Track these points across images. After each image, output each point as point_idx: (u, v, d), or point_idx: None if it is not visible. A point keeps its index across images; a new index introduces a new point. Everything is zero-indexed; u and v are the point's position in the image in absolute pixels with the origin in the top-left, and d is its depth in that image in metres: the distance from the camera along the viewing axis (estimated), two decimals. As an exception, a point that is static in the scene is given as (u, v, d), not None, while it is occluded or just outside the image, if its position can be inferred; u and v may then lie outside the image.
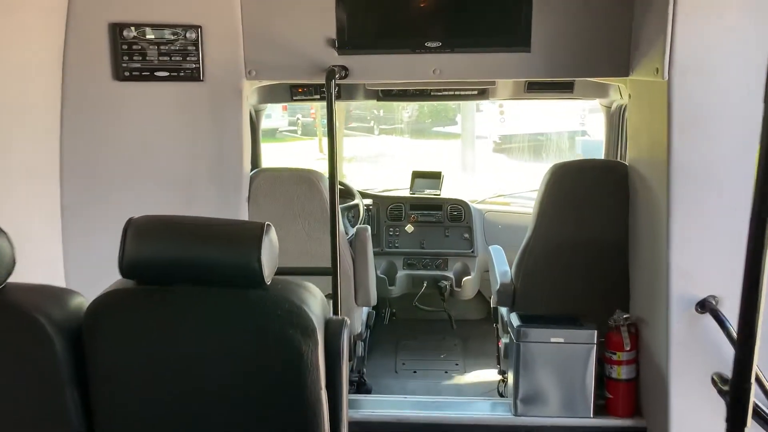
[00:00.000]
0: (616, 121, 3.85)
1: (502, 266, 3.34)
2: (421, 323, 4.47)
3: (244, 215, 2.90)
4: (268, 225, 1.68)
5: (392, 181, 12.00)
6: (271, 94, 3.85)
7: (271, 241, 1.67)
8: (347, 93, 3.91)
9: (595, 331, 2.92)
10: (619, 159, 3.96)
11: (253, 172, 3.08)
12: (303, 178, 3.15)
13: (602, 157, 4.04)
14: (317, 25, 2.75)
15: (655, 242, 2.67)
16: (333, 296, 2.64)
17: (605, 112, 3.91)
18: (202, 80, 2.76)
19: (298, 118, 19.02)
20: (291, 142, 18.65)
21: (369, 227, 3.27)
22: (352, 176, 12.53)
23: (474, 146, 12.06)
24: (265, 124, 16.78)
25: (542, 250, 3.02)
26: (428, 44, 2.80)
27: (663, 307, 2.62)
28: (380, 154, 15.55)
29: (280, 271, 3.21)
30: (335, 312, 2.61)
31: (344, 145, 14.68)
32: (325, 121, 12.32)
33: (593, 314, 2.99)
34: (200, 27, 2.77)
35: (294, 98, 3.86)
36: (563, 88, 3.75)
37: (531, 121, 14.94)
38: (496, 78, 3.09)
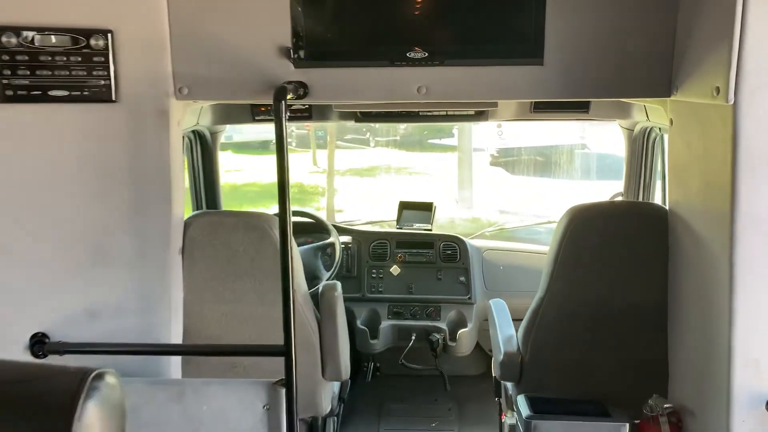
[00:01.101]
0: (639, 147, 3.18)
1: (506, 329, 2.64)
2: (410, 381, 3.77)
3: (175, 274, 2.21)
4: (98, 375, 0.98)
5: (382, 204, 11.44)
6: (230, 114, 3.18)
7: (102, 402, 0.93)
8: (319, 112, 3.23)
9: (627, 424, 2.22)
10: (642, 191, 3.29)
11: (188, 217, 2.37)
12: (252, 224, 2.35)
13: (622, 187, 3.37)
14: (268, 30, 2.06)
15: (709, 314, 1.99)
16: (286, 382, 1.95)
17: (626, 135, 3.23)
18: (115, 101, 2.07)
19: (292, 130, 18.38)
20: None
21: (338, 284, 2.57)
22: (345, 191, 11.91)
23: (471, 166, 11.39)
24: (257, 136, 16.04)
25: (557, 315, 2.32)
26: (411, 55, 2.08)
27: (720, 400, 1.94)
28: (376, 167, 14.91)
29: (217, 350, 2.41)
30: (290, 407, 1.94)
31: (339, 157, 14.03)
32: (321, 132, 11.37)
33: (622, 399, 2.29)
34: (110, 32, 2.08)
35: (256, 118, 3.18)
36: (577, 108, 3.07)
37: (529, 134, 14.30)
38: (498, 98, 2.36)
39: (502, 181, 13.25)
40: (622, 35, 2.03)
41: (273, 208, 10.23)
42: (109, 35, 2.02)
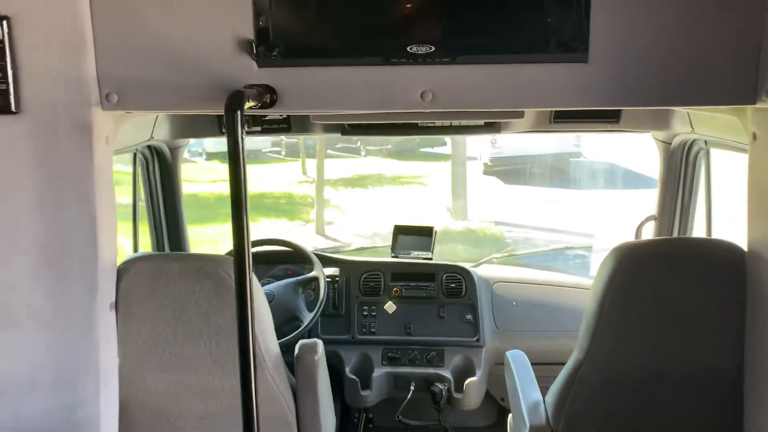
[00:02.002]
0: (677, 162, 2.63)
1: (531, 393, 2.06)
2: None
3: (106, 335, 1.63)
4: None
5: (374, 214, 10.90)
6: (192, 125, 2.61)
7: None
8: (299, 124, 2.65)
9: None
10: (680, 215, 2.75)
11: (122, 263, 1.77)
12: (206, 270, 1.72)
13: (654, 208, 2.82)
14: (224, 19, 1.53)
15: None
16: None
17: (661, 149, 2.67)
18: (16, 111, 1.51)
19: (282, 139, 17.84)
20: (275, 164, 17.47)
21: (319, 344, 2.00)
22: (337, 202, 11.39)
23: (465, 176, 10.88)
24: (248, 145, 15.63)
25: (601, 382, 1.75)
26: (413, 49, 1.54)
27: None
28: (367, 176, 14.39)
29: None
30: None
31: (329, 167, 13.51)
32: (310, 141, 10.64)
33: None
34: (7, 18, 1.52)
35: (224, 131, 2.59)
36: (605, 117, 2.53)
37: (523, 141, 13.82)
38: (526, 106, 1.76)
39: (495, 191, 12.77)
40: (694, 27, 1.51)
41: (261, 223, 9.57)
42: (5, 23, 1.48)
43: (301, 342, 1.96)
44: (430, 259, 3.00)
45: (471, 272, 2.92)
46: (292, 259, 2.85)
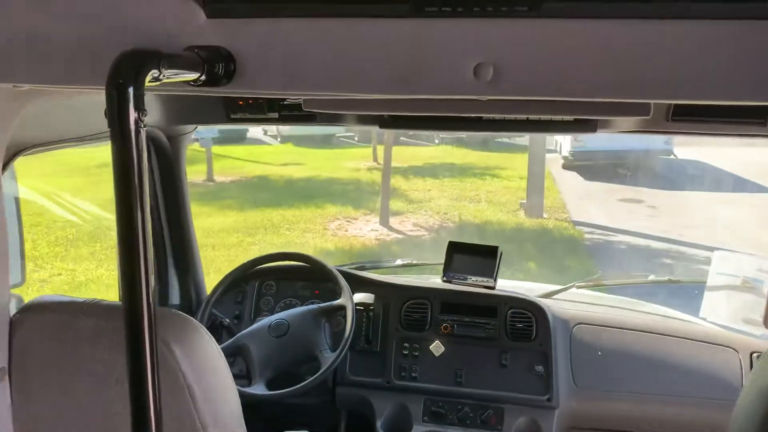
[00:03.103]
0: None
1: None
2: None
3: None
4: None
5: (441, 204, 10.04)
6: (191, 109, 1.99)
7: None
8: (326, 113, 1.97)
9: None
10: None
11: (17, 312, 1.17)
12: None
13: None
14: None
15: None
16: None
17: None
18: None
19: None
20: (347, 149, 17.03)
21: None
22: (404, 191, 10.73)
23: (543, 170, 9.99)
24: (320, 129, 15.26)
25: None
26: None
27: None
28: (439, 165, 13.68)
29: None
30: None
31: (400, 155, 12.88)
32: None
33: None
34: None
35: (232, 117, 1.95)
36: (744, 116, 1.75)
37: (607, 135, 12.75)
38: (663, 96, 1.05)
39: (574, 188, 11.81)
40: None
41: (326, 210, 9.04)
42: None
43: None
44: (492, 288, 2.31)
45: (545, 309, 2.21)
46: (319, 278, 2.25)
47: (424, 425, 2.13)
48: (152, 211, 2.17)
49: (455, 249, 2.38)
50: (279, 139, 18.88)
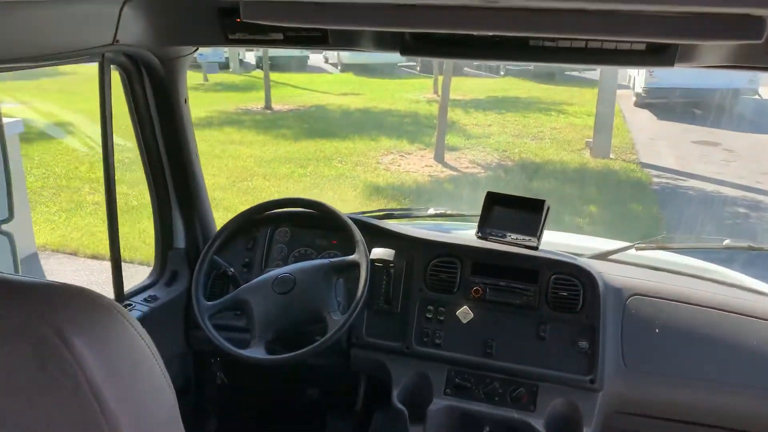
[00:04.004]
0: None
1: None
2: None
3: None
4: None
5: (501, 145, 9.32)
6: (184, 28, 1.65)
7: None
8: (338, 34, 1.59)
9: None
10: None
11: None
12: (19, 324, 0.69)
13: None
14: None
15: None
16: None
17: None
18: None
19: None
20: (407, 80, 16.45)
21: None
22: (464, 126, 10.16)
23: (613, 107, 9.25)
24: (382, 58, 14.89)
25: None
26: None
27: None
28: (502, 99, 13.02)
29: None
30: None
31: (463, 86, 12.26)
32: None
33: None
34: None
35: (230, 37, 1.62)
36: None
37: (687, 71, 11.73)
38: None
39: (645, 127, 11.01)
40: None
41: (380, 143, 8.69)
42: None
43: None
44: (535, 248, 1.95)
45: (595, 276, 1.85)
46: (337, 226, 1.94)
47: (446, 398, 1.85)
48: (150, 144, 1.90)
49: (494, 201, 2.03)
50: (339, 68, 18.43)
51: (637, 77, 12.44)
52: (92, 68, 1.70)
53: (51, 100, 12.03)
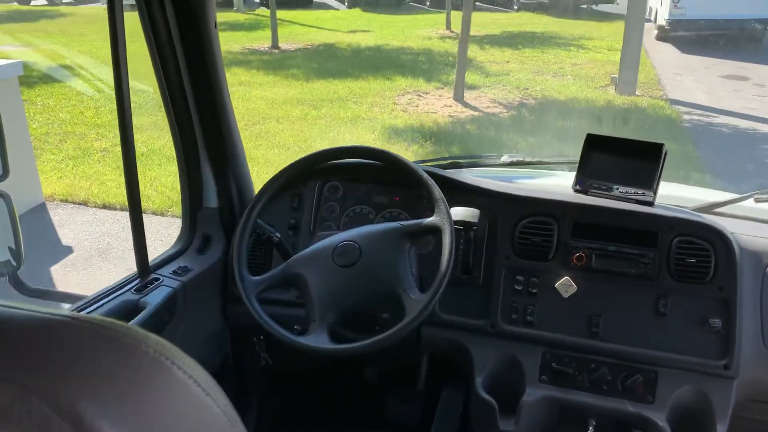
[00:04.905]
0: None
1: None
2: None
3: None
4: None
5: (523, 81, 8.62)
6: None
7: None
8: None
9: None
10: None
11: None
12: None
13: None
14: None
15: None
16: None
17: None
18: None
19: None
20: (417, 15, 15.69)
21: None
22: (483, 61, 9.50)
23: (640, 40, 8.65)
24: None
25: None
26: None
27: None
28: (517, 34, 12.36)
29: None
30: None
31: (475, 22, 11.64)
32: None
33: None
34: None
35: None
36: None
37: (713, 2, 11.04)
38: None
39: (669, 61, 10.42)
40: None
41: (396, 83, 8.19)
42: None
43: None
44: (651, 203, 1.60)
45: (729, 239, 1.49)
46: (405, 179, 1.54)
47: (542, 387, 1.52)
48: (173, 82, 1.50)
49: (595, 144, 1.64)
50: (346, 4, 17.62)
51: (660, 8, 11.74)
52: (92, 9, 1.29)
53: (54, 42, 11.46)
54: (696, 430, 1.42)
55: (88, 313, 1.34)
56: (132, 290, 1.46)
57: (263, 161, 5.76)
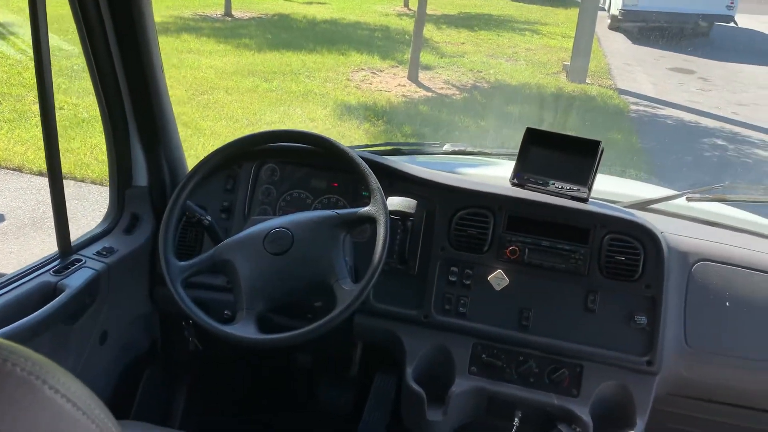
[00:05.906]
0: None
1: None
2: None
3: None
4: None
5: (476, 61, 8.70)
6: None
7: None
8: None
9: None
10: None
11: None
12: None
13: None
14: None
15: None
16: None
17: None
18: None
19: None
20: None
21: None
22: (439, 41, 9.45)
23: (593, 28, 8.76)
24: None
25: None
26: None
27: None
28: (473, 17, 12.35)
29: None
30: None
31: (432, 1, 11.52)
32: None
33: None
34: None
35: None
36: None
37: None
38: None
39: (619, 51, 10.60)
40: None
41: (351, 58, 8.07)
42: None
43: None
44: (585, 200, 1.58)
45: (659, 238, 1.52)
46: (344, 166, 1.51)
47: (471, 378, 1.52)
48: (100, 50, 1.41)
49: (534, 139, 1.64)
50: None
51: (614, 1, 11.91)
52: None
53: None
54: (618, 423, 1.46)
55: (0, 296, 1.26)
56: (51, 272, 1.39)
57: (210, 133, 5.61)
